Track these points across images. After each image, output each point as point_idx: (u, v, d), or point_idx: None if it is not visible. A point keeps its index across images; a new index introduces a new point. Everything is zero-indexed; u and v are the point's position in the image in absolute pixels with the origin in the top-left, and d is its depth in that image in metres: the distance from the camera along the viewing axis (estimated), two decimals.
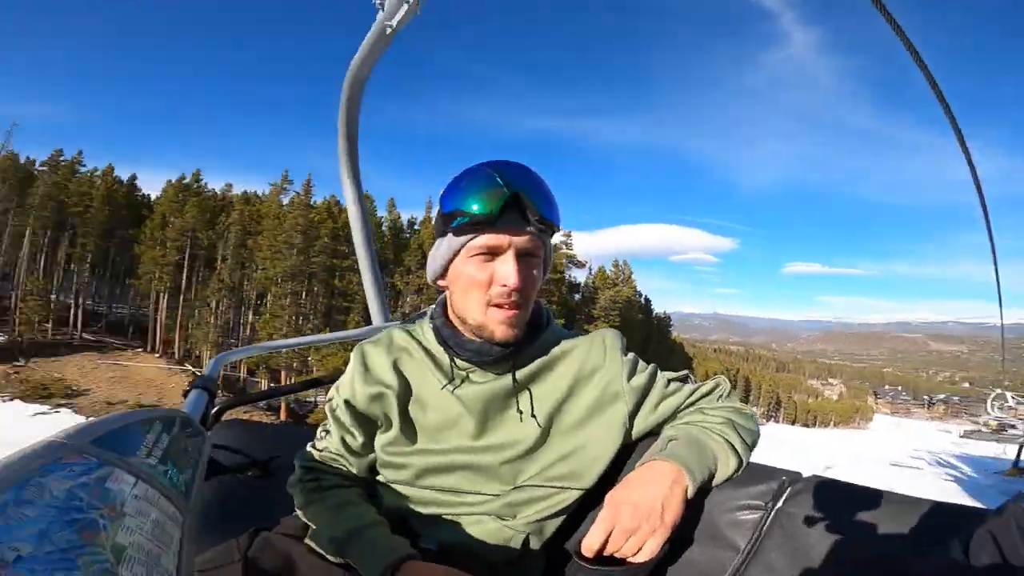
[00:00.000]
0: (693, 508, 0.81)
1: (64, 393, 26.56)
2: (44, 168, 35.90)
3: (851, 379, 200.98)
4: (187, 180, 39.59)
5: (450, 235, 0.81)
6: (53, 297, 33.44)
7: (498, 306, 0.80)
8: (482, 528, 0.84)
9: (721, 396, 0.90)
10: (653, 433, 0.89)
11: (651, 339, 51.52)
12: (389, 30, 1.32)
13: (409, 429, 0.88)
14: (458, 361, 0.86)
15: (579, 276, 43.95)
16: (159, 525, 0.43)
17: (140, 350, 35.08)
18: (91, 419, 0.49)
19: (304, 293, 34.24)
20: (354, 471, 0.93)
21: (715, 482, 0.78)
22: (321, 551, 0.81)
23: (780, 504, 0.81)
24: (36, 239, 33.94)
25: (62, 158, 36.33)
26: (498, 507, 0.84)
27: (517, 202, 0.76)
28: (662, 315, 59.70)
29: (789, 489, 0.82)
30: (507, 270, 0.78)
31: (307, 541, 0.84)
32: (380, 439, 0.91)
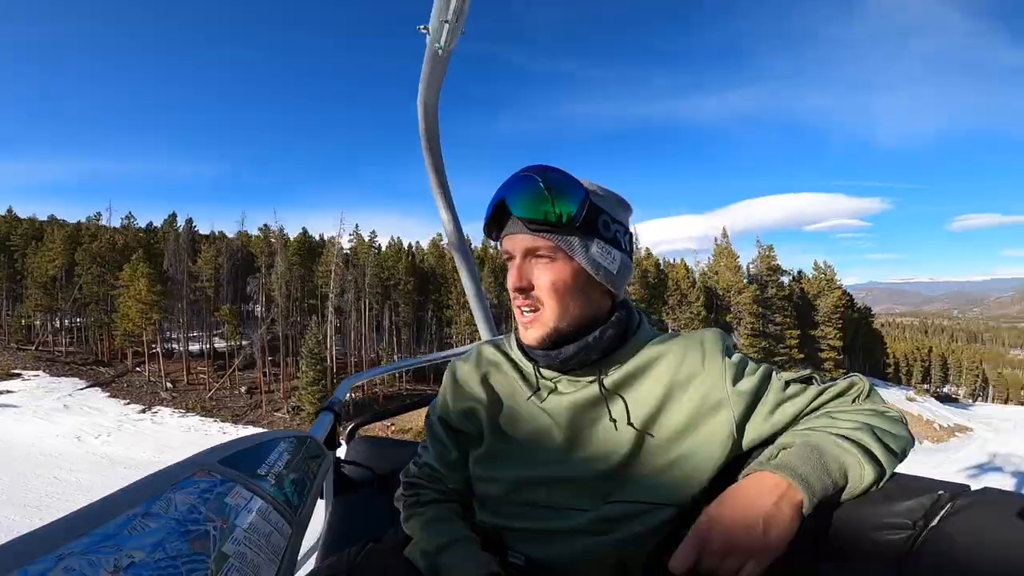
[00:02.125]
0: (819, 526, 0.69)
1: None
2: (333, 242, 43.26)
3: None
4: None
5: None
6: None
7: (519, 308, 0.81)
8: (574, 545, 0.79)
9: (858, 397, 0.77)
10: (769, 443, 0.77)
11: (858, 334, 52.59)
12: (441, 51, 1.33)
13: (500, 443, 0.87)
14: (543, 371, 0.84)
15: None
16: (266, 537, 0.47)
17: None
18: (227, 441, 0.57)
19: None
20: (451, 485, 0.93)
21: (845, 497, 0.68)
22: (416, 565, 0.82)
23: (934, 523, 0.63)
24: (366, 309, 41.68)
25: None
26: (590, 522, 0.78)
27: (506, 208, 0.77)
28: (861, 306, 60.89)
29: (948, 506, 0.64)
30: (511, 272, 0.80)
31: (405, 553, 0.85)
32: (473, 454, 0.91)
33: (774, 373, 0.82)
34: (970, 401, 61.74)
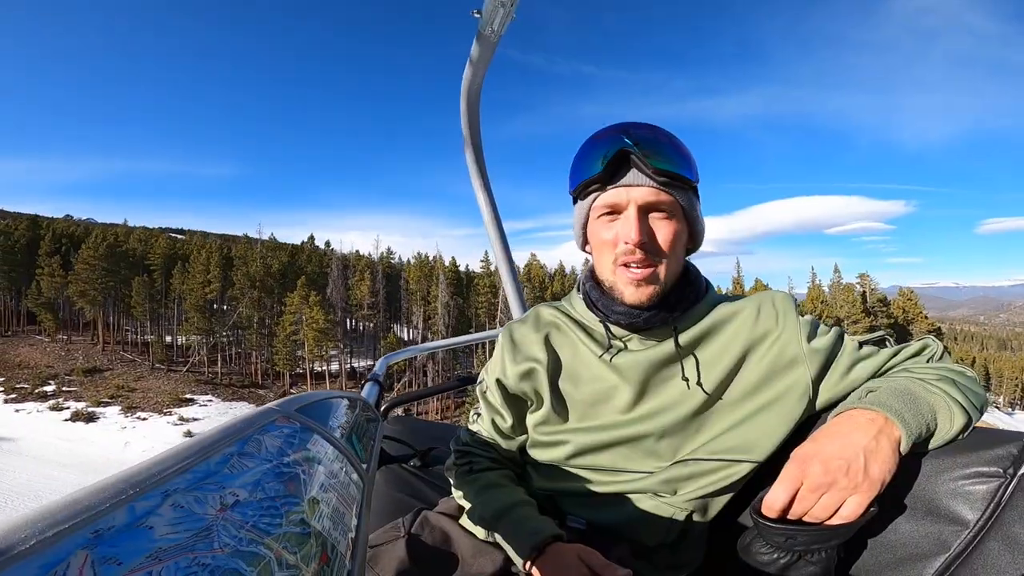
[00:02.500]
0: (906, 473, 0.67)
1: None
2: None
3: None
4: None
5: (579, 201, 0.81)
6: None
7: (625, 265, 0.76)
8: (637, 506, 0.79)
9: (932, 358, 0.78)
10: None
11: None
12: (492, 35, 1.35)
13: (561, 406, 0.85)
14: (613, 328, 0.81)
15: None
16: (346, 487, 0.48)
17: None
18: (296, 394, 0.57)
19: None
20: (504, 452, 0.92)
21: (934, 443, 0.66)
22: (473, 532, 0.84)
23: (1023, 470, 0.63)
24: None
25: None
26: (656, 483, 0.78)
27: (630, 155, 0.73)
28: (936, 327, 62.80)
29: None
30: (627, 226, 0.74)
31: (461, 522, 0.86)
32: (531, 418, 0.88)
33: (846, 335, 0.81)
34: (1010, 410, 62.73)
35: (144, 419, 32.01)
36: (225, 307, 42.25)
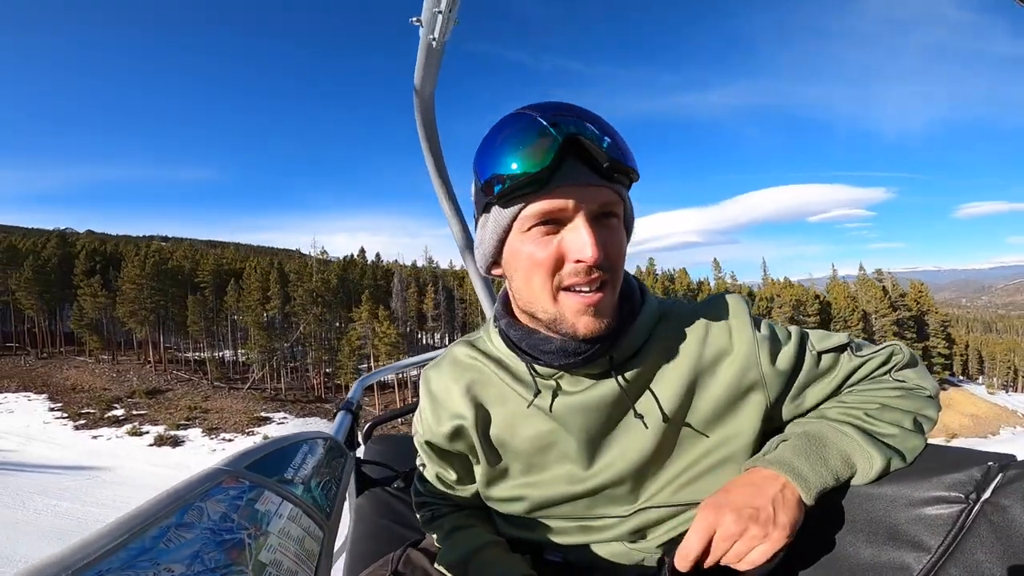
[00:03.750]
0: (869, 498, 0.66)
1: None
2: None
3: None
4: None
5: (495, 208, 0.62)
6: None
7: (573, 290, 0.61)
8: (610, 551, 0.74)
9: (895, 368, 0.70)
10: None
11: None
12: (435, 43, 1.28)
13: (499, 462, 0.76)
14: (539, 368, 0.69)
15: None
16: (299, 542, 0.46)
17: None
18: (251, 446, 0.53)
19: None
20: (462, 498, 0.85)
21: (858, 482, 0.64)
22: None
23: (988, 495, 0.61)
24: None
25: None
26: (624, 532, 0.73)
27: (575, 147, 0.57)
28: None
29: (1000, 476, 0.61)
30: (580, 240, 0.58)
31: (436, 565, 0.81)
32: (477, 473, 0.80)
33: (808, 341, 0.71)
34: (1003, 392, 64.64)
35: (230, 440, 31.73)
36: (280, 323, 41.71)
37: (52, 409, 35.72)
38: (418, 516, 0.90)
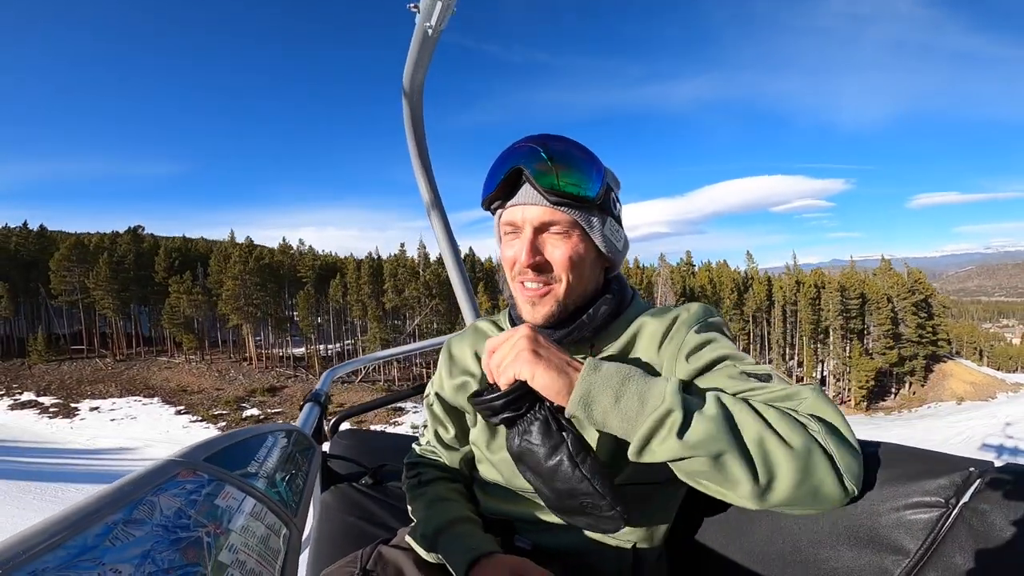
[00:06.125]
0: (835, 512, 0.67)
1: None
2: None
3: None
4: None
5: (492, 214, 0.82)
6: None
7: (522, 283, 0.77)
8: (584, 534, 0.78)
9: (799, 403, 0.65)
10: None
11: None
12: (431, 31, 1.29)
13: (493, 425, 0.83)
14: None
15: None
16: (263, 540, 0.43)
17: None
18: (210, 437, 0.51)
19: None
20: (451, 464, 0.93)
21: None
22: (422, 553, 0.81)
23: (966, 499, 0.62)
24: None
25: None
26: None
27: (522, 175, 0.73)
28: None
29: (978, 481, 0.63)
30: (517, 246, 0.76)
31: (406, 540, 0.84)
32: (472, 434, 0.90)
33: (733, 360, 0.72)
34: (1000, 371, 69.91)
35: (379, 431, 32.58)
36: (392, 317, 42.37)
37: (179, 413, 35.59)
38: (406, 481, 0.97)
